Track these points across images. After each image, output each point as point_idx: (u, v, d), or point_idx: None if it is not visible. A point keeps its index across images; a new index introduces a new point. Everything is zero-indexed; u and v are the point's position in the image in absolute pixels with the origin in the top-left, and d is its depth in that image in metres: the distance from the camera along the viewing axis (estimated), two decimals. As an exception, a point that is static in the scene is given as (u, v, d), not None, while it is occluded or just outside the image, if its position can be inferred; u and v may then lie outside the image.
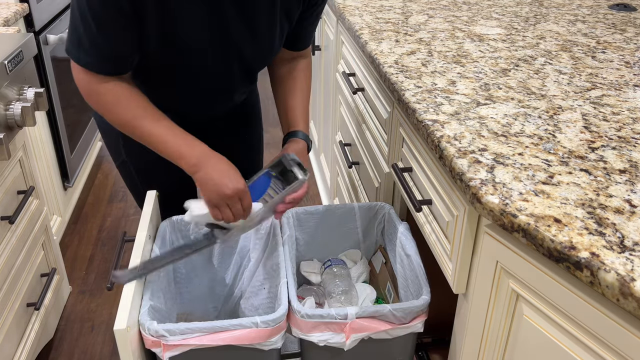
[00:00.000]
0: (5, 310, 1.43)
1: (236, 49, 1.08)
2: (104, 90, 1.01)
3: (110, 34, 0.96)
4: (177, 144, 1.02)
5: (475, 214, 0.85)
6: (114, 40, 0.97)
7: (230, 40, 1.06)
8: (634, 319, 0.61)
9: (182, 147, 1.02)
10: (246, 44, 1.08)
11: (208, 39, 1.04)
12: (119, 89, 1.02)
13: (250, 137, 1.44)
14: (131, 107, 1.02)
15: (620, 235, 0.67)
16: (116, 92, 1.02)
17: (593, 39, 1.42)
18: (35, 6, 1.99)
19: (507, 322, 0.81)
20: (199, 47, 1.04)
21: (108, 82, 1.01)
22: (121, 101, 1.02)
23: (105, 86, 1.01)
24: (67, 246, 2.27)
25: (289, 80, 1.24)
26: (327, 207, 1.30)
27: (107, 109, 1.03)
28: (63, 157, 2.23)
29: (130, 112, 1.02)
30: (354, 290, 1.24)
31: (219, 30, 1.03)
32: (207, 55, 1.06)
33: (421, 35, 1.44)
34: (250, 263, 1.26)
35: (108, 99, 1.02)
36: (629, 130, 0.94)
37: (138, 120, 1.02)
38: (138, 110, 1.02)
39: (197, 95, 1.17)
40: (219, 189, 1.00)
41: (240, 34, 1.06)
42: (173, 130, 1.03)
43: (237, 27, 1.05)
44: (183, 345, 0.96)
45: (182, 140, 1.03)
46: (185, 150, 1.02)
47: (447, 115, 0.99)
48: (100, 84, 1.01)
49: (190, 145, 1.03)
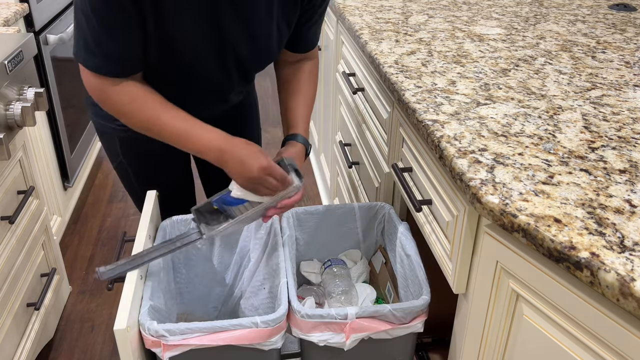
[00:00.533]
0: (5, 310, 1.43)
1: (233, 50, 1.08)
2: (117, 91, 1.00)
3: (116, 34, 0.95)
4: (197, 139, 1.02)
5: (475, 214, 0.84)
6: (121, 40, 0.96)
7: (227, 42, 1.05)
8: (634, 319, 0.61)
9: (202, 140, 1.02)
10: (243, 46, 1.08)
11: (204, 40, 1.03)
12: (133, 88, 1.01)
13: (248, 138, 1.44)
14: (148, 106, 1.02)
15: (620, 235, 0.67)
16: (130, 92, 1.01)
17: (593, 39, 1.42)
18: (35, 6, 1.99)
19: (507, 322, 0.81)
20: (195, 48, 1.04)
21: (120, 84, 1.00)
22: (137, 100, 1.01)
23: (118, 88, 1.00)
24: (67, 246, 2.27)
25: (292, 83, 1.23)
26: (327, 207, 1.30)
27: (124, 111, 1.02)
28: (63, 157, 2.23)
29: (147, 110, 1.01)
30: (354, 290, 1.24)
31: (215, 32, 1.03)
32: (203, 56, 1.05)
33: (421, 35, 1.44)
34: (250, 263, 1.26)
35: (123, 100, 1.01)
36: (629, 130, 0.94)
37: (156, 118, 1.02)
38: (155, 108, 1.02)
39: (192, 95, 1.16)
40: (245, 175, 1.02)
41: (237, 35, 1.05)
42: (192, 125, 1.03)
43: (234, 29, 1.04)
44: (183, 345, 0.96)
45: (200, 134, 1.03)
46: (204, 145, 1.03)
47: (447, 115, 0.99)
48: (112, 86, 1.00)
49: (208, 140, 1.03)
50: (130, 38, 0.97)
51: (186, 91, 1.15)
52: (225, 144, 1.03)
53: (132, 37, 0.97)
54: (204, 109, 1.24)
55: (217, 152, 1.03)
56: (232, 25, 1.03)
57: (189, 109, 1.22)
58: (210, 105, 1.23)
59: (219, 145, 1.03)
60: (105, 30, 0.94)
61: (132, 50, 0.99)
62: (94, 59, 0.97)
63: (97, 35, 0.95)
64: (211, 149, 1.03)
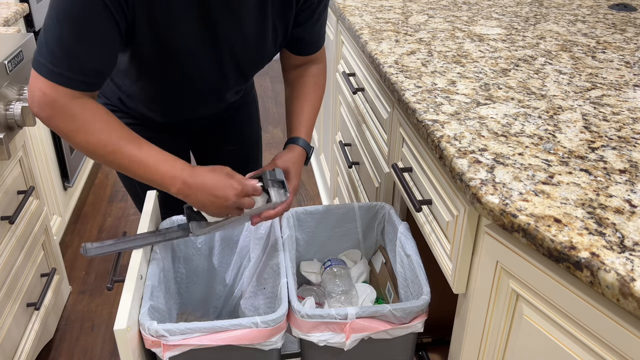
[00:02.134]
0: (5, 310, 1.43)
1: (228, 49, 1.06)
2: (79, 107, 0.90)
3: (92, 43, 0.88)
4: (159, 171, 0.95)
5: (475, 214, 0.85)
6: (97, 50, 0.89)
7: (221, 41, 1.04)
8: (634, 319, 0.61)
9: (164, 176, 0.96)
10: (237, 45, 1.07)
11: (197, 41, 1.01)
12: (95, 106, 0.92)
13: (248, 137, 1.44)
14: (110, 128, 0.93)
15: (620, 235, 0.67)
16: (92, 110, 0.92)
17: (593, 39, 1.42)
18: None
19: (507, 322, 0.81)
20: (189, 48, 1.02)
21: (80, 99, 0.90)
22: (97, 121, 0.92)
23: (79, 102, 0.90)
24: (67, 246, 2.27)
25: (297, 86, 1.23)
26: (327, 207, 1.30)
27: (82, 130, 0.91)
28: (63, 157, 2.23)
29: (108, 133, 0.92)
30: (354, 290, 1.24)
31: (208, 32, 1.01)
32: (197, 56, 1.04)
33: (421, 35, 1.44)
34: (250, 263, 1.26)
35: (85, 118, 0.91)
36: (629, 130, 0.94)
37: (115, 143, 0.92)
38: (116, 131, 0.93)
39: (187, 95, 1.16)
40: (220, 205, 0.99)
41: (229, 34, 1.04)
42: (157, 156, 0.96)
43: (226, 28, 1.03)
44: (183, 345, 0.96)
45: (164, 167, 0.96)
46: (167, 180, 0.96)
47: (447, 115, 0.99)
48: (72, 100, 0.89)
49: (171, 170, 0.96)
50: (106, 49, 0.90)
51: (181, 91, 1.14)
52: (190, 177, 0.97)
53: (110, 47, 0.90)
54: (200, 109, 1.24)
55: (181, 185, 0.96)
56: (224, 24, 1.02)
57: (185, 110, 1.22)
58: (206, 103, 1.22)
59: (184, 178, 0.96)
60: (80, 38, 0.86)
61: (104, 63, 0.91)
62: (59, 69, 0.87)
63: (69, 43, 0.86)
64: (174, 183, 0.96)
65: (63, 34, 0.85)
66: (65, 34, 0.85)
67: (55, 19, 0.85)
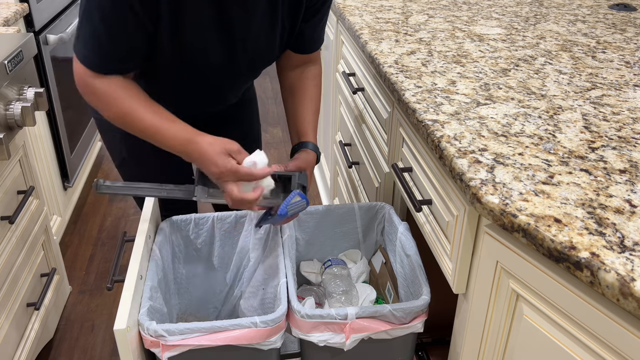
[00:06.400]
0: (5, 310, 1.43)
1: (240, 46, 1.09)
2: (99, 83, 1.01)
3: (117, 34, 0.96)
4: (171, 135, 1.03)
5: (475, 214, 0.84)
6: (120, 40, 0.98)
7: (235, 38, 1.07)
8: (634, 319, 0.61)
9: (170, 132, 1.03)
10: (250, 41, 1.09)
11: (215, 37, 1.04)
12: (115, 80, 1.02)
13: (248, 132, 1.44)
14: (125, 99, 1.02)
15: (620, 235, 0.67)
16: (111, 84, 1.02)
17: (593, 39, 1.42)
18: (35, 6, 1.99)
19: (507, 322, 0.81)
20: (206, 45, 1.05)
21: (103, 77, 1.01)
22: (117, 93, 1.02)
23: (101, 79, 1.01)
24: (67, 246, 2.27)
25: (299, 89, 1.23)
26: (327, 207, 1.30)
27: (103, 102, 1.03)
28: (63, 157, 2.23)
29: (125, 103, 1.02)
30: (354, 290, 1.24)
31: (224, 29, 1.04)
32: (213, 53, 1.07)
33: (421, 35, 1.44)
34: (250, 263, 1.26)
35: (104, 91, 1.02)
36: (629, 130, 0.94)
37: (132, 112, 1.02)
38: (132, 102, 1.02)
39: (199, 91, 1.17)
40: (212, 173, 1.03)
41: (243, 30, 1.06)
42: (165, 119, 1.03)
43: (241, 24, 1.05)
44: (182, 345, 0.96)
45: (169, 128, 1.03)
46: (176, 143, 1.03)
47: (447, 115, 0.99)
48: (95, 78, 1.01)
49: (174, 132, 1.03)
50: (130, 39, 0.98)
51: (195, 88, 1.16)
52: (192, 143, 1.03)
53: (133, 38, 0.98)
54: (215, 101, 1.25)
55: (184, 142, 1.03)
56: (239, 21, 1.04)
57: (196, 106, 1.23)
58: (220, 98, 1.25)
59: (187, 136, 1.03)
60: (106, 29, 0.96)
61: (128, 51, 1.00)
62: (85, 50, 0.99)
63: (95, 31, 0.96)
64: (178, 140, 1.03)
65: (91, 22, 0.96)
66: (93, 23, 0.96)
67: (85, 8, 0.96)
